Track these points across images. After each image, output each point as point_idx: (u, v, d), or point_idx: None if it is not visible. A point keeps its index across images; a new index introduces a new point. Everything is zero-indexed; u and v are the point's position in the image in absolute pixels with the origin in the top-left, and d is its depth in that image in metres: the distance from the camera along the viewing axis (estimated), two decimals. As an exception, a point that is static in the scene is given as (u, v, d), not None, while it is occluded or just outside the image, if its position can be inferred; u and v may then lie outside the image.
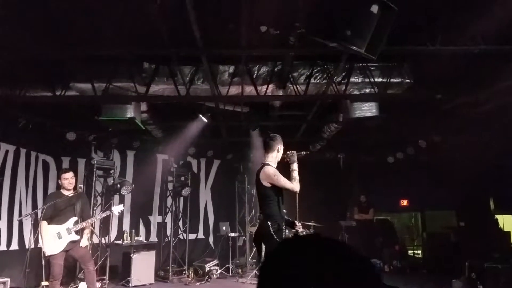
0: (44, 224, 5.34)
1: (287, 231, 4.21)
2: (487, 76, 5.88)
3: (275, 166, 4.19)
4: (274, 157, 4.21)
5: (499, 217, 8.62)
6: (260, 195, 4.18)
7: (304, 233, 8.01)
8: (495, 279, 5.11)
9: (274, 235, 3.92)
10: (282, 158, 4.27)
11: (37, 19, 4.53)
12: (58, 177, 5.78)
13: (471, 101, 6.54)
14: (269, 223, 3.96)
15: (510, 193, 8.16)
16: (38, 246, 5.39)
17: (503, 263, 5.77)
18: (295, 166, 4.19)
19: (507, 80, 5.75)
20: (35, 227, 5.46)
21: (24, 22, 4.55)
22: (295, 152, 4.25)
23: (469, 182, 8.28)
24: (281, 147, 4.24)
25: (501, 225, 8.61)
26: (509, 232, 8.49)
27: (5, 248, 6.67)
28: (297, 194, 4.25)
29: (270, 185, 4.04)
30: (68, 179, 5.56)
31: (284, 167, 4.24)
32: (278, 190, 4.08)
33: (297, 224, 4.28)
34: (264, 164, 4.16)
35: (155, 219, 9.26)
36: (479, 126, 7.51)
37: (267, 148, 4.23)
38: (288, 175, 4.14)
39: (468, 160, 8.03)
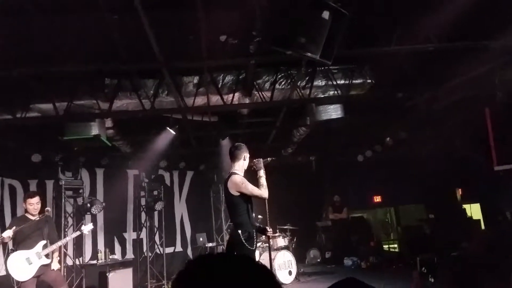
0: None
1: (259, 237, 4.24)
2: (443, 72, 6.13)
3: (243, 174, 4.22)
4: (241, 165, 4.24)
5: (466, 207, 8.93)
6: (229, 204, 4.20)
7: (280, 237, 8.06)
8: (447, 271, 5.34)
9: (246, 243, 3.94)
10: (249, 166, 4.30)
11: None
12: (24, 202, 5.60)
13: (431, 97, 6.79)
14: (239, 231, 3.98)
15: (475, 183, 8.49)
16: (8, 273, 5.19)
17: (462, 252, 6.00)
18: (262, 173, 4.23)
19: (462, 75, 6.01)
20: (4, 253, 5.27)
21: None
22: (261, 159, 4.29)
23: (435, 174, 8.57)
24: (246, 155, 4.27)
25: (469, 214, 8.91)
26: (479, 220, 8.81)
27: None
28: (266, 200, 4.29)
29: (238, 194, 4.06)
30: (34, 204, 5.38)
31: (252, 175, 4.28)
32: (246, 198, 4.10)
33: (268, 230, 4.31)
34: (231, 173, 4.18)
35: (130, 235, 9.09)
36: (441, 120, 7.79)
37: (233, 157, 4.25)
38: (256, 183, 4.17)
39: (434, 154, 8.32)
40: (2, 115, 5.85)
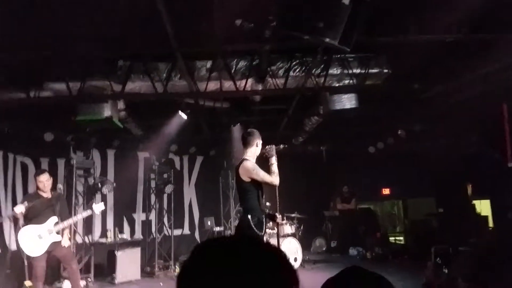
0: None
1: (269, 224, 4.26)
2: (462, 64, 5.98)
3: (254, 161, 4.20)
4: (253, 152, 4.23)
5: (476, 202, 8.83)
6: (240, 190, 4.21)
7: (287, 225, 8.09)
8: (461, 263, 5.30)
9: (254, 228, 3.96)
10: (261, 153, 4.28)
11: (8, 19, 4.41)
12: (34, 179, 5.68)
13: (448, 89, 6.65)
14: (249, 216, 4.00)
15: (486, 179, 8.37)
16: (20, 247, 5.31)
17: (472, 247, 5.96)
18: (274, 160, 4.21)
19: (482, 67, 5.87)
20: (16, 228, 5.38)
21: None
22: (273, 146, 4.27)
23: (447, 169, 8.46)
24: (259, 142, 4.25)
25: (478, 210, 8.82)
26: (486, 216, 8.71)
27: (-15, 251, 6.55)
28: (277, 187, 4.28)
29: (249, 180, 4.07)
30: (43, 182, 5.46)
31: (263, 162, 4.26)
32: (257, 184, 4.11)
33: (278, 216, 4.32)
34: (243, 160, 4.17)
35: (139, 216, 9.21)
36: (456, 114, 7.65)
37: (246, 143, 4.24)
38: (267, 170, 4.16)
39: (446, 148, 8.19)
40: (17, 94, 5.88)
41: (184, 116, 7.18)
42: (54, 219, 5.44)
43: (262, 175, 4.06)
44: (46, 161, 7.92)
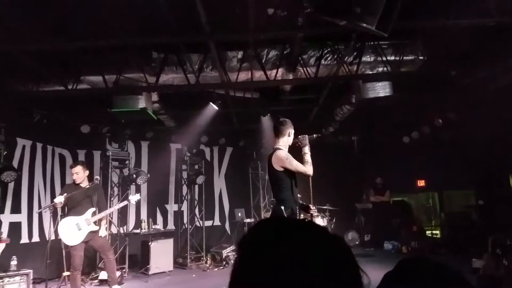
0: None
1: (301, 215, 4.19)
2: (503, 49, 5.68)
3: (287, 150, 4.14)
4: (285, 141, 4.16)
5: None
6: (273, 179, 4.14)
7: (319, 217, 8.00)
8: None
9: (289, 219, 3.90)
10: (294, 143, 4.22)
11: (45, 12, 4.53)
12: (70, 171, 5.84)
13: (488, 76, 6.35)
14: (282, 207, 3.92)
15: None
16: (58, 237, 5.49)
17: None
18: (307, 150, 4.13)
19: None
20: (55, 219, 5.57)
21: (33, 16, 4.56)
22: (306, 136, 4.20)
23: (486, 159, 8.09)
24: (291, 131, 4.18)
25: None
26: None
27: (27, 241, 6.85)
28: (310, 178, 4.21)
29: (282, 169, 4.00)
30: (73, 174, 5.60)
31: (295, 152, 4.20)
32: (290, 174, 4.03)
33: (312, 208, 4.24)
34: (275, 149, 4.11)
35: (172, 207, 9.37)
36: (496, 101, 7.29)
37: (278, 133, 4.17)
38: (300, 160, 4.09)
39: (485, 137, 7.83)
40: (54, 87, 6.07)
41: (215, 107, 7.21)
42: (92, 209, 5.60)
43: (295, 164, 3.98)
44: (83, 152, 8.16)
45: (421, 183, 10.34)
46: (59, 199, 5.39)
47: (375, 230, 9.79)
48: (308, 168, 4.05)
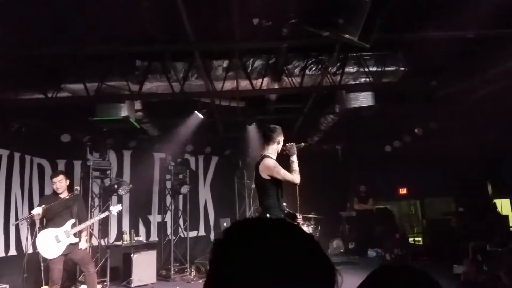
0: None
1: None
2: (482, 61, 5.84)
3: (275, 158, 4.14)
4: (275, 149, 4.17)
5: (496, 201, 8.65)
6: (259, 187, 4.13)
7: (304, 226, 8.00)
8: (496, 261, 5.10)
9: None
10: (281, 151, 4.22)
11: (25, 18, 4.43)
12: (51, 181, 5.69)
13: (466, 87, 6.51)
14: (268, 215, 3.91)
15: (507, 177, 8.19)
16: (36, 250, 5.31)
17: (503, 246, 5.77)
18: (294, 158, 4.15)
19: (503, 64, 5.72)
20: (32, 231, 5.39)
21: (12, 23, 4.45)
22: (294, 144, 4.22)
23: (466, 168, 8.30)
24: (281, 139, 4.19)
25: (499, 209, 8.64)
26: (507, 216, 8.53)
27: (3, 254, 6.59)
28: (297, 186, 4.21)
29: (269, 178, 4.00)
30: (56, 183, 5.46)
31: (283, 160, 4.20)
32: (277, 182, 4.04)
33: (298, 216, 4.25)
34: (264, 156, 4.10)
35: (155, 218, 9.20)
36: (475, 111, 7.49)
37: (267, 140, 4.17)
38: (287, 167, 4.09)
39: (465, 146, 8.03)
40: (34, 95, 5.92)
41: (201, 116, 7.16)
42: (71, 221, 5.45)
43: (283, 173, 3.99)
44: (63, 162, 7.95)
45: (403, 191, 10.51)
46: (37, 211, 5.24)
47: (359, 238, 9.85)
48: (295, 177, 4.06)
